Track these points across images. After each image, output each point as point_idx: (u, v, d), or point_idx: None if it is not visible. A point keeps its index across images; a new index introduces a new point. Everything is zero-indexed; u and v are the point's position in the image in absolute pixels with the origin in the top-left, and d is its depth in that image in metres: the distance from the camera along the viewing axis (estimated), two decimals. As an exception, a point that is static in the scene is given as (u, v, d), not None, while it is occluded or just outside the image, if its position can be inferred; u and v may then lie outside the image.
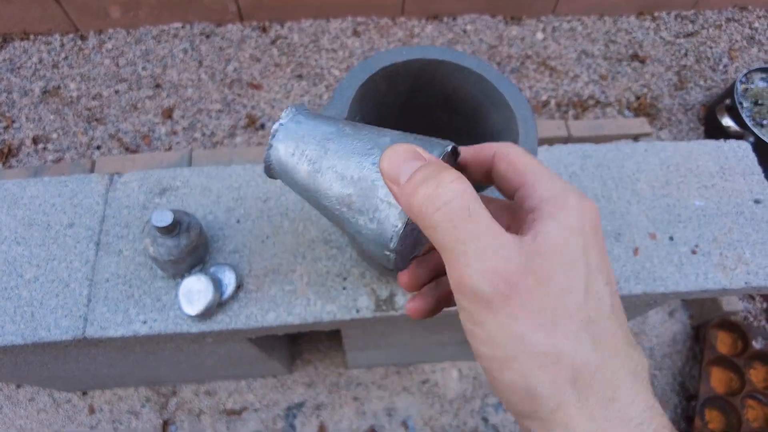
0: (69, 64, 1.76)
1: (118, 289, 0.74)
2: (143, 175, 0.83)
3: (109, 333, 0.71)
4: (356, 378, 1.31)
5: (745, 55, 1.98)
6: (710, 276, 0.80)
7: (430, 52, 0.57)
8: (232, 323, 0.72)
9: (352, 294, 0.74)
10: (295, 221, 0.79)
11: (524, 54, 1.86)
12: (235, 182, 0.82)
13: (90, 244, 0.77)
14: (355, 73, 0.54)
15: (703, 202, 0.87)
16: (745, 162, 0.94)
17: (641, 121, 1.67)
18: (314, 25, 1.85)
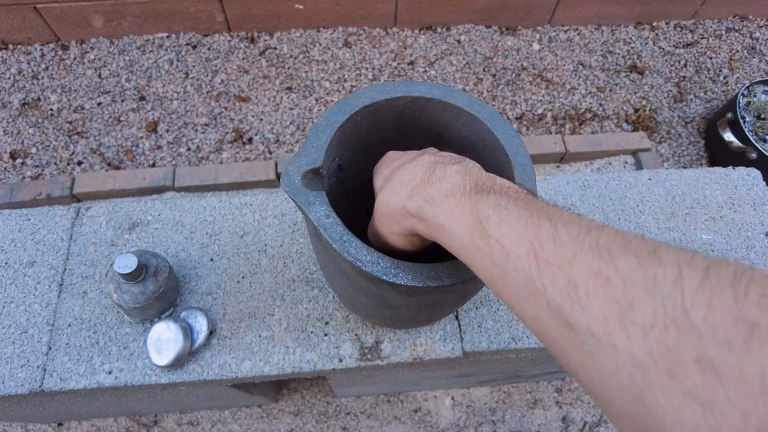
0: (49, 75, 1.70)
1: (81, 336, 0.68)
2: (112, 207, 0.77)
3: (70, 385, 0.65)
4: (345, 407, 1.26)
5: (746, 65, 1.94)
6: (719, 316, 0.75)
7: (416, 89, 0.51)
8: (205, 373, 0.66)
9: (334, 341, 0.68)
10: (274, 258, 0.74)
11: (520, 65, 1.81)
12: (209, 215, 0.77)
13: (52, 285, 0.71)
14: (331, 115, 0.48)
15: (711, 236, 0.82)
16: (755, 191, 0.89)
17: (640, 135, 1.62)
18: (304, 36, 1.80)
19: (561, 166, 1.58)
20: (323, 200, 0.43)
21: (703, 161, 1.74)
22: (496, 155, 0.50)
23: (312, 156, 0.46)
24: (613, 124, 1.75)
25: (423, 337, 0.69)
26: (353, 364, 0.67)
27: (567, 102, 1.76)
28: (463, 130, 0.53)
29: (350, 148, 0.53)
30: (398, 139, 0.58)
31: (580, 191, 0.84)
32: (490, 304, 0.72)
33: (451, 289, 0.42)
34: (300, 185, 0.44)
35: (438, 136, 0.56)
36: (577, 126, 1.71)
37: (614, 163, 1.59)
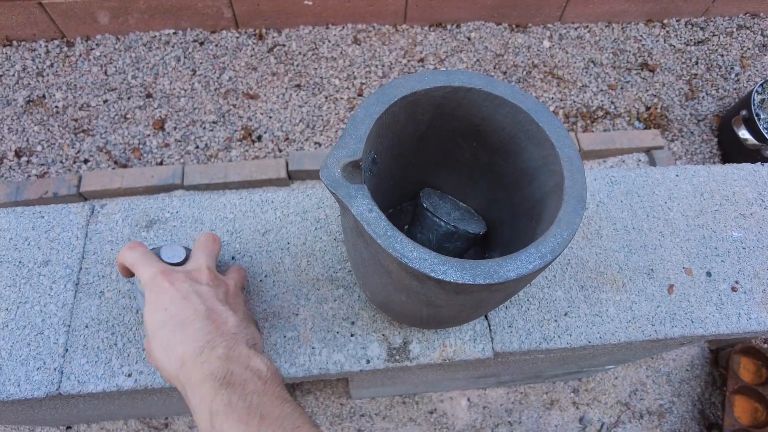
0: (55, 72, 1.68)
1: (99, 337, 0.66)
2: (128, 205, 0.75)
3: (89, 388, 0.63)
4: (359, 408, 1.24)
5: (758, 63, 1.93)
6: (753, 316, 0.73)
7: (455, 78, 0.49)
8: (227, 375, 0.64)
9: (361, 341, 0.66)
10: (297, 257, 0.71)
11: (531, 63, 1.79)
12: (230, 213, 0.74)
13: (68, 285, 0.69)
14: (369, 106, 0.46)
15: (741, 233, 0.80)
16: (785, 187, 0.87)
17: (653, 133, 1.61)
18: (313, 33, 1.77)
19: (574, 163, 1.56)
20: (365, 194, 0.41)
21: (716, 159, 1.72)
22: (542, 147, 0.48)
23: (351, 148, 0.44)
24: (624, 121, 1.73)
25: (452, 338, 0.67)
26: (381, 366, 0.65)
27: (578, 99, 1.74)
28: (504, 122, 0.51)
29: (385, 141, 0.51)
30: (432, 133, 0.56)
31: (608, 187, 0.82)
32: (520, 304, 0.70)
33: (501, 286, 0.40)
34: (340, 178, 0.42)
35: (476, 129, 0.54)
36: (589, 124, 1.69)
37: (627, 161, 1.57)
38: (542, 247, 0.41)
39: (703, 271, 0.76)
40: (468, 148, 0.57)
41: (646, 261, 0.76)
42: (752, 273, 0.77)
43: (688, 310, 0.73)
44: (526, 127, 0.49)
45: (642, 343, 0.73)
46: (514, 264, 0.40)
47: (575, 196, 0.44)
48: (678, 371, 1.34)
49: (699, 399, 1.31)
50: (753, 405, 1.21)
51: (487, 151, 0.56)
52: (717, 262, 0.77)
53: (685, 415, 1.29)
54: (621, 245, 0.77)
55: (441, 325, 0.61)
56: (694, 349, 1.37)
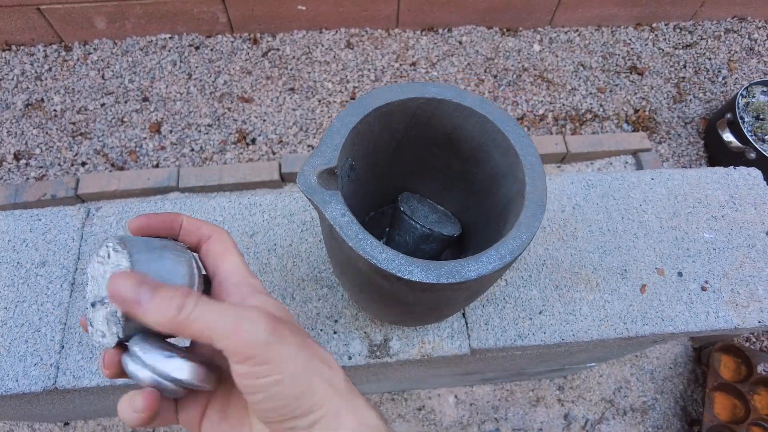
0: (53, 76, 1.71)
1: (93, 334, 0.69)
2: (122, 208, 0.78)
3: (84, 383, 0.66)
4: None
5: (745, 66, 1.96)
6: (721, 314, 0.76)
7: (428, 90, 0.52)
8: (216, 371, 0.67)
9: (343, 338, 0.69)
10: (283, 258, 0.75)
11: (521, 66, 1.82)
12: (219, 215, 0.78)
13: (64, 285, 0.72)
14: (345, 116, 0.49)
15: (712, 235, 0.83)
16: (756, 191, 0.90)
17: (641, 135, 1.64)
18: (307, 37, 1.81)
19: (562, 166, 1.59)
20: (338, 199, 0.44)
21: (703, 161, 1.75)
22: (507, 155, 0.51)
23: (327, 156, 0.47)
24: (613, 124, 1.76)
25: (431, 335, 0.70)
26: (362, 362, 0.68)
27: (568, 103, 1.77)
28: (473, 131, 0.54)
29: (361, 149, 0.54)
30: (407, 142, 0.59)
31: (584, 191, 0.85)
32: (497, 302, 0.73)
33: (463, 285, 0.43)
34: (316, 185, 0.45)
35: (448, 138, 0.57)
36: (577, 126, 1.72)
37: (615, 163, 1.60)
38: (502, 249, 0.44)
39: (674, 271, 0.79)
40: (442, 156, 0.60)
41: (620, 262, 0.79)
42: (721, 273, 0.80)
43: (659, 309, 0.76)
44: (493, 136, 0.52)
45: (614, 341, 0.76)
46: (475, 265, 0.43)
47: (536, 201, 0.47)
48: (661, 369, 1.37)
49: (681, 396, 1.34)
50: (732, 401, 1.24)
51: (459, 159, 0.59)
52: (688, 262, 0.80)
53: (668, 411, 1.32)
54: (596, 246, 0.80)
55: (416, 322, 0.64)
56: (677, 347, 1.40)
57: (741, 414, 1.21)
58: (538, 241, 0.79)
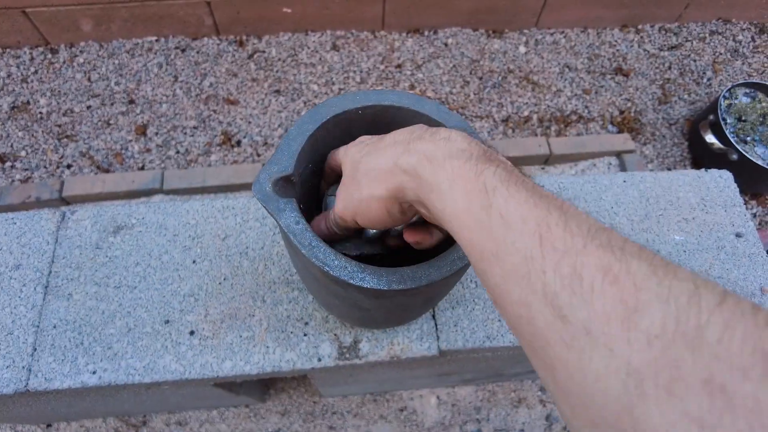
0: (39, 78, 1.71)
1: (66, 337, 0.70)
2: (97, 211, 0.79)
3: (55, 385, 0.67)
4: (331, 406, 1.27)
5: (729, 68, 1.97)
6: (689, 315, 0.77)
7: (386, 98, 0.53)
8: (186, 373, 0.68)
9: (313, 341, 0.70)
10: (255, 261, 0.75)
11: (506, 68, 1.83)
12: (192, 219, 0.78)
13: (38, 288, 0.73)
14: (302, 123, 0.50)
15: (683, 237, 0.84)
16: (727, 193, 0.91)
17: (624, 137, 1.65)
18: (292, 39, 1.81)
19: (546, 167, 1.60)
20: (293, 207, 0.45)
21: (687, 162, 1.76)
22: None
23: (283, 163, 0.47)
24: (598, 125, 1.77)
25: (400, 336, 0.71)
26: (332, 364, 0.69)
27: (553, 104, 1.78)
28: None
29: (323, 152, 0.55)
30: None
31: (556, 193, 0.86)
32: (466, 304, 0.74)
33: (416, 291, 0.44)
34: (271, 192, 0.45)
35: None
36: (562, 128, 1.73)
37: (599, 164, 1.61)
38: (452, 255, 0.45)
39: (644, 272, 0.80)
40: None
41: (590, 263, 0.80)
42: (691, 274, 0.81)
43: (628, 310, 0.77)
44: None
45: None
46: (427, 271, 0.43)
47: None
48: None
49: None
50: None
51: None
52: (658, 264, 0.81)
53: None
54: (566, 248, 0.81)
55: (378, 325, 0.65)
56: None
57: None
58: (509, 244, 0.80)
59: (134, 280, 0.74)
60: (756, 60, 1.99)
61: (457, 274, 0.46)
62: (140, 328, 0.70)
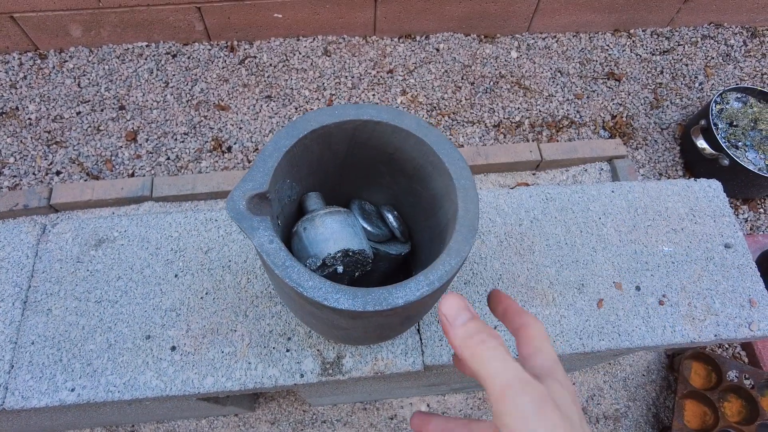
0: (28, 84, 1.70)
1: (44, 353, 0.69)
2: (78, 224, 0.78)
3: (32, 403, 0.66)
4: (321, 415, 1.26)
5: (721, 72, 1.97)
6: (678, 329, 0.77)
7: (365, 112, 0.52)
8: (168, 389, 0.67)
9: (296, 356, 0.69)
10: (237, 274, 0.74)
11: (498, 73, 1.82)
12: (175, 231, 0.77)
13: (16, 303, 0.72)
14: (279, 139, 0.49)
15: (671, 248, 0.84)
16: (716, 203, 0.90)
17: (616, 142, 1.65)
18: (284, 45, 1.80)
19: (537, 173, 1.60)
20: (267, 225, 0.44)
21: (679, 167, 1.76)
22: (443, 177, 0.51)
23: (258, 180, 0.46)
24: (590, 130, 1.77)
25: (384, 351, 0.70)
26: (314, 380, 0.68)
27: (544, 109, 1.78)
28: (412, 153, 0.54)
29: (303, 168, 0.54)
30: (351, 160, 0.59)
31: (543, 204, 0.85)
32: (451, 318, 0.73)
33: (392, 312, 0.43)
34: (244, 210, 0.44)
35: (390, 157, 0.57)
36: (554, 133, 1.73)
37: (590, 170, 1.61)
38: (430, 274, 0.43)
39: (632, 285, 0.80)
40: (388, 173, 0.60)
41: (577, 276, 0.79)
42: (679, 287, 0.80)
43: (616, 324, 0.76)
44: (430, 158, 0.52)
45: (570, 356, 0.77)
46: (403, 291, 0.42)
47: (467, 226, 0.47)
48: (635, 376, 1.37)
49: (654, 403, 1.34)
50: (702, 409, 1.25)
51: (404, 176, 0.59)
52: (647, 276, 0.80)
53: (640, 419, 1.33)
54: (553, 260, 0.80)
55: (358, 342, 0.64)
56: (650, 354, 1.40)
57: (710, 421, 1.22)
58: (495, 256, 0.79)
59: (116, 294, 0.73)
60: (748, 64, 1.99)
61: (434, 295, 0.45)
62: (121, 343, 0.69)
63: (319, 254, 0.51)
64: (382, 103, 1.73)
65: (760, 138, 1.64)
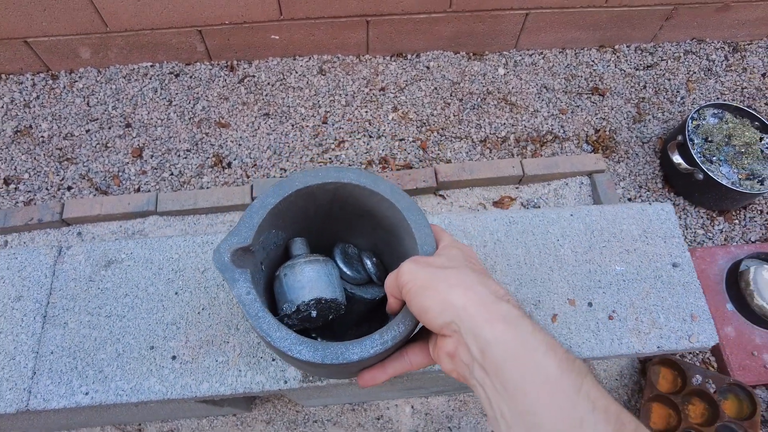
0: (41, 103, 1.81)
1: (62, 362, 0.79)
2: (90, 247, 0.88)
3: (52, 405, 0.76)
4: (313, 415, 1.36)
5: (702, 86, 2.05)
6: (624, 341, 0.85)
7: (345, 176, 0.58)
8: (168, 393, 0.77)
9: (281, 365, 0.79)
10: (230, 292, 0.84)
11: (485, 90, 1.91)
12: (175, 253, 0.87)
13: (37, 317, 0.82)
14: (265, 198, 0.55)
15: (623, 267, 0.92)
16: (668, 225, 0.98)
17: (596, 157, 1.73)
18: (281, 64, 1.90)
19: (520, 186, 1.68)
20: (246, 278, 0.51)
21: (658, 180, 1.84)
22: (410, 240, 0.57)
23: (243, 235, 0.53)
24: (573, 145, 1.85)
25: (358, 361, 0.80)
26: (296, 386, 0.77)
27: (529, 125, 1.86)
28: (386, 213, 0.61)
29: (288, 220, 0.61)
30: (334, 213, 0.66)
31: (506, 227, 0.94)
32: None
33: (347, 365, 0.49)
34: (228, 262, 0.51)
35: (368, 213, 0.64)
36: (538, 147, 1.82)
37: (570, 183, 1.69)
38: (385, 334, 0.49)
39: (585, 301, 0.88)
40: (369, 225, 0.67)
41: (534, 293, 0.88)
42: (628, 303, 0.89)
43: (568, 337, 0.85)
44: (401, 221, 0.59)
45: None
46: (359, 348, 0.48)
47: None
48: (608, 380, 1.46)
49: (625, 405, 1.43)
50: (667, 411, 1.34)
51: (382, 229, 0.65)
52: (599, 293, 0.89)
53: (612, 420, 1.42)
54: (512, 279, 0.89)
55: (326, 377, 0.72)
56: (623, 360, 1.49)
57: (674, 422, 1.31)
58: (460, 275, 0.89)
59: (123, 309, 0.82)
60: (729, 78, 2.07)
61: (386, 352, 0.50)
62: (128, 353, 0.79)
63: (295, 300, 0.56)
64: (374, 119, 1.83)
65: (733, 153, 1.72)
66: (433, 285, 0.43)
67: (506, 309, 0.40)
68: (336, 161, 1.72)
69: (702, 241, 1.73)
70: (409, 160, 1.74)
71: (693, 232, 1.74)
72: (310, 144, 1.76)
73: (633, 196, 1.78)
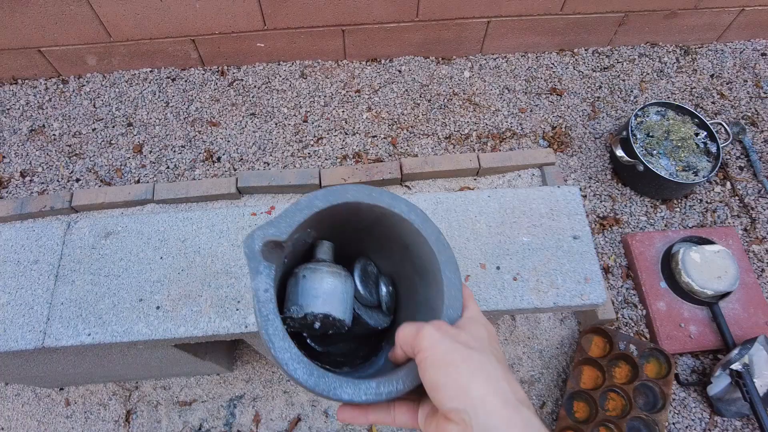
0: (53, 105, 2.03)
1: (70, 311, 1.00)
2: (93, 222, 1.09)
3: (62, 343, 0.97)
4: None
5: (654, 86, 2.23)
6: (525, 298, 1.03)
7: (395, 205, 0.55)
8: (153, 335, 0.97)
9: (243, 314, 0.99)
10: (205, 257, 1.05)
11: (452, 91, 2.11)
12: (161, 227, 1.08)
13: (50, 276, 1.03)
14: (314, 199, 0.53)
15: (529, 239, 1.11)
16: (572, 205, 1.17)
17: (547, 151, 1.92)
18: (267, 69, 2.11)
19: (477, 178, 1.88)
20: (269, 273, 0.48)
21: (608, 172, 2.03)
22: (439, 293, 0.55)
23: (281, 229, 0.50)
24: (530, 140, 2.05)
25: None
26: (256, 329, 0.98)
27: (490, 123, 2.06)
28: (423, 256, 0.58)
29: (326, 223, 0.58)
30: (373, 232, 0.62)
31: (433, 206, 1.14)
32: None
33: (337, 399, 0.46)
34: (258, 252, 0.48)
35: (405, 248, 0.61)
36: (497, 143, 2.01)
37: (523, 175, 1.89)
38: (382, 386, 0.46)
39: (494, 266, 1.08)
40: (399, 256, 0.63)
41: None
42: (531, 267, 1.08)
43: (477, 293, 1.04)
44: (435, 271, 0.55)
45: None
46: (352, 389, 0.45)
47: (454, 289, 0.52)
48: (549, 348, 1.66)
49: (564, 371, 1.62)
50: (596, 373, 1.53)
51: (413, 266, 0.61)
52: (506, 259, 1.08)
53: (551, 383, 1.61)
54: (435, 247, 1.09)
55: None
56: (565, 330, 1.68)
57: (600, 382, 1.50)
58: (390, 244, 1.09)
59: (119, 270, 1.03)
60: (679, 79, 2.25)
61: (377, 403, 0.47)
62: (122, 304, 1.00)
63: (305, 307, 0.54)
64: (349, 118, 2.03)
65: (671, 147, 1.90)
66: (453, 363, 0.41)
67: (527, 417, 0.38)
68: (314, 156, 1.93)
69: (644, 226, 1.91)
70: (380, 155, 1.95)
71: (636, 218, 1.93)
72: (292, 140, 1.97)
73: (583, 187, 1.97)
